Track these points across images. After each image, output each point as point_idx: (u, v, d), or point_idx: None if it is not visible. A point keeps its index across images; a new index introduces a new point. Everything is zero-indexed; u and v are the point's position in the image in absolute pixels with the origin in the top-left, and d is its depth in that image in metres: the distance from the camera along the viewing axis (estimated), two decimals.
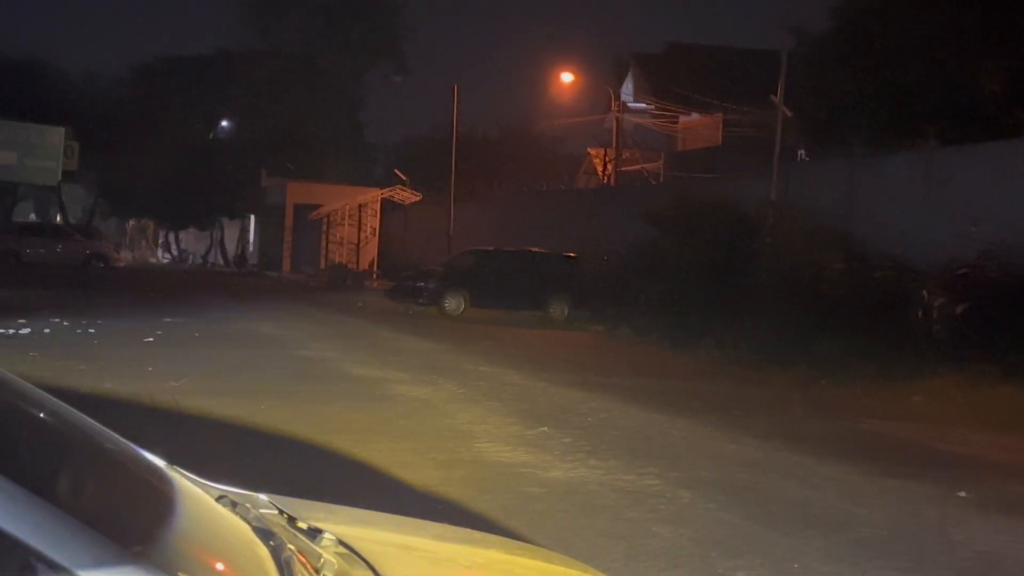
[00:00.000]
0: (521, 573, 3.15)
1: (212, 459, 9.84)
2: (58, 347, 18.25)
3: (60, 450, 2.50)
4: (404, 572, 2.68)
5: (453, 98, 50.64)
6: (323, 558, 2.60)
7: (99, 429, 2.83)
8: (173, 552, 2.19)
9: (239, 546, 2.53)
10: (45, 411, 2.71)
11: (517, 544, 3.67)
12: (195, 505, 2.72)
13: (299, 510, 3.07)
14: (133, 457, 2.83)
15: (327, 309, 32.30)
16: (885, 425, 14.97)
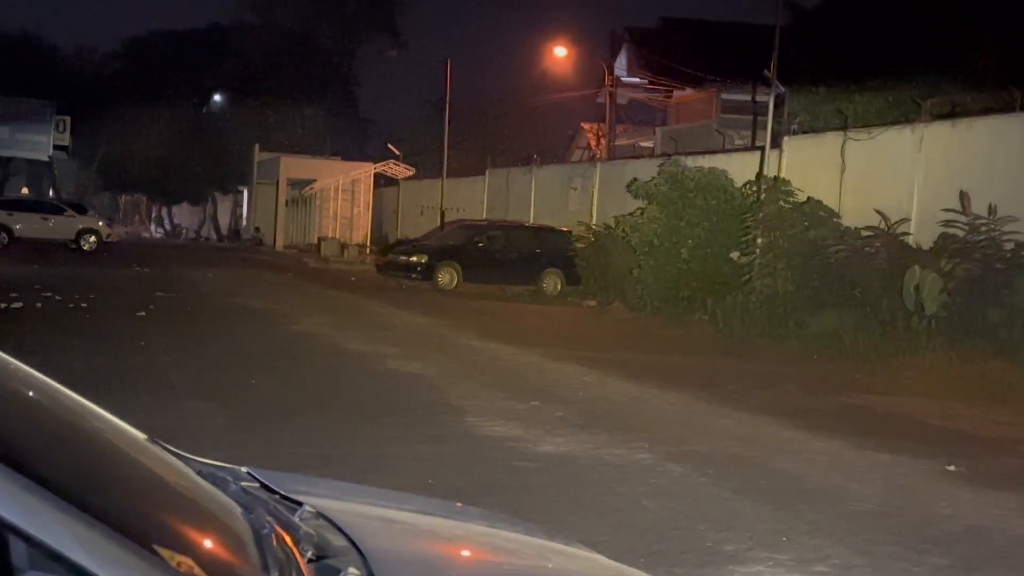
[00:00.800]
0: (502, 545, 3.13)
1: (203, 433, 9.87)
2: (51, 322, 18.24)
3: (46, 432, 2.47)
4: (383, 545, 2.66)
5: (446, 72, 50.49)
6: (302, 530, 2.58)
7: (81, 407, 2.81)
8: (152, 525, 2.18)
9: (218, 520, 2.51)
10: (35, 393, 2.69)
11: (500, 517, 3.65)
12: (176, 479, 2.70)
13: (280, 483, 3.05)
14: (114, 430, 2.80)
15: (319, 284, 32.29)
16: (877, 400, 14.98)
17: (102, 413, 2.86)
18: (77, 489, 2.03)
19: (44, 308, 20.30)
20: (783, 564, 7.00)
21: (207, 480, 2.84)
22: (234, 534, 2.42)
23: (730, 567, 6.90)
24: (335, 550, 2.55)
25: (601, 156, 49.24)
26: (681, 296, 26.16)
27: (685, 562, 6.94)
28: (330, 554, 2.51)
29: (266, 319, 20.84)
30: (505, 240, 33.56)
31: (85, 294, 23.02)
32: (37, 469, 1.91)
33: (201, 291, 26.79)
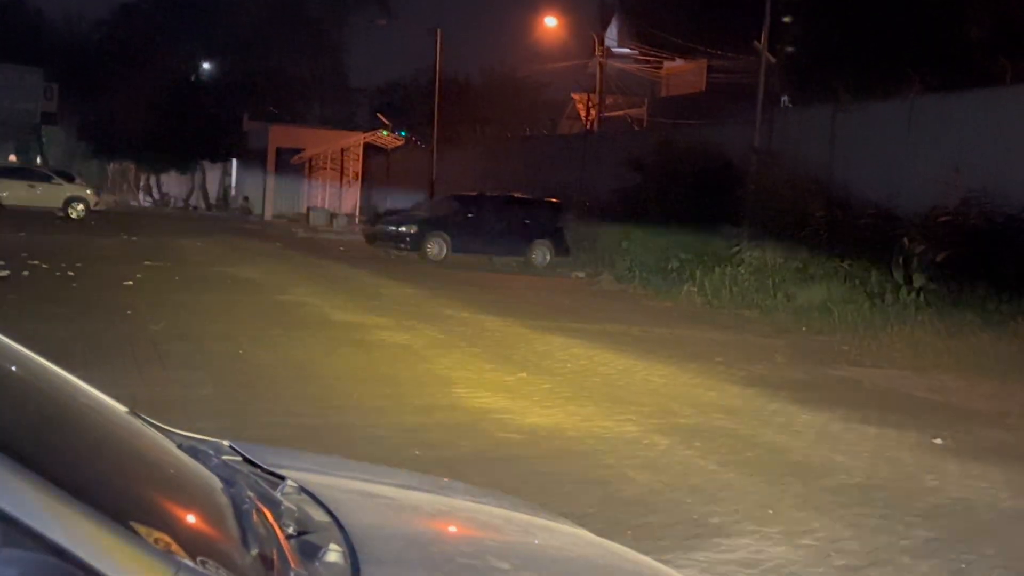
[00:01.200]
0: (486, 520, 3.11)
1: (191, 402, 9.85)
2: (37, 290, 18.16)
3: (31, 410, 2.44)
4: (365, 520, 2.64)
5: (436, 42, 50.30)
6: (283, 505, 2.56)
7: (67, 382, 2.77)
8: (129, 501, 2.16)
9: (198, 495, 2.49)
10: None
11: (485, 492, 3.63)
12: (155, 453, 2.68)
13: (263, 456, 3.02)
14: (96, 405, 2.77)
15: (308, 253, 32.20)
16: (865, 372, 15.00)
17: (82, 386, 2.83)
18: (52, 465, 2.00)
19: (31, 276, 20.20)
20: (770, 537, 7.00)
21: (188, 454, 2.81)
22: (214, 509, 2.39)
23: (716, 540, 6.90)
24: (317, 525, 2.52)
25: (592, 126, 49.16)
26: (670, 268, 26.19)
27: (671, 535, 6.93)
28: (311, 529, 2.49)
29: (254, 289, 20.78)
30: (494, 211, 33.52)
31: (72, 262, 22.93)
32: (11, 444, 1.88)
33: (189, 260, 26.70)
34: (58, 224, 40.81)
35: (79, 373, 9.12)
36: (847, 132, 26.48)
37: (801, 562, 6.59)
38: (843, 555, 6.76)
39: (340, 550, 2.33)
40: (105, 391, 8.85)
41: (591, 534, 3.33)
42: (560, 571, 2.80)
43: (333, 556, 2.30)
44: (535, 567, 2.71)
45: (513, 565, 2.60)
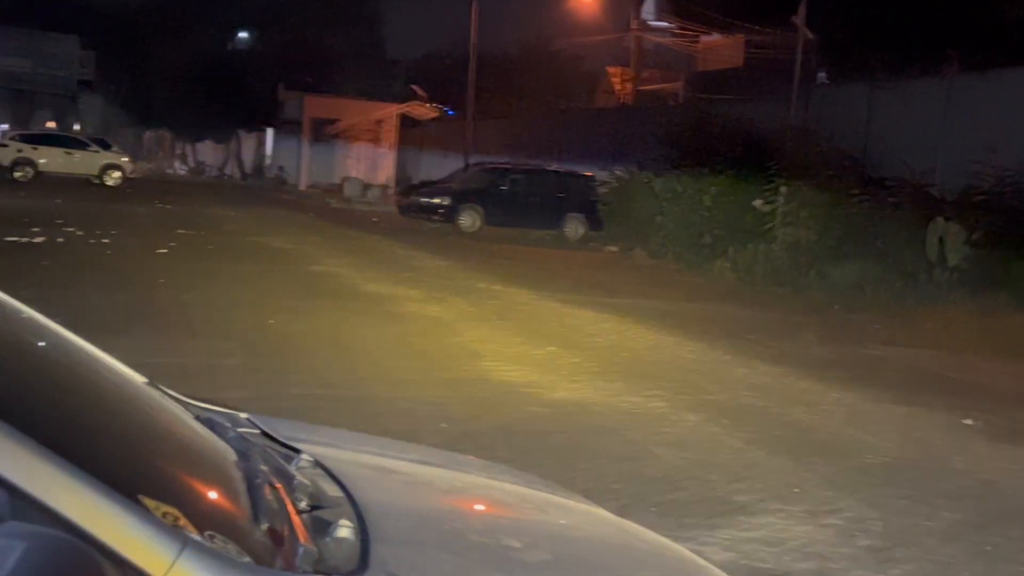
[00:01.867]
0: (500, 497, 3.11)
1: (219, 371, 9.89)
2: (71, 257, 18.28)
3: None
4: (378, 495, 2.64)
5: (471, 13, 50.13)
6: (296, 480, 2.56)
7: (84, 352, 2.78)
8: (138, 474, 2.16)
9: (210, 468, 2.49)
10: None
11: (503, 468, 3.62)
12: (170, 425, 2.68)
13: (281, 429, 3.02)
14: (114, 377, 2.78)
15: (341, 224, 32.25)
16: (896, 352, 14.92)
17: (99, 356, 2.84)
18: (61, 437, 2.00)
19: (65, 243, 20.34)
20: (794, 516, 6.98)
21: (205, 426, 2.82)
22: (226, 483, 2.39)
23: (741, 518, 6.88)
24: (330, 500, 2.53)
25: (627, 101, 48.96)
26: (703, 243, 26.09)
27: (696, 512, 6.92)
28: (324, 504, 2.49)
29: (286, 259, 20.83)
30: (528, 184, 33.46)
31: (107, 230, 23.07)
32: (19, 416, 1.88)
33: (223, 229, 26.80)
34: (94, 191, 41.05)
35: (109, 340, 9.19)
36: (883, 110, 26.26)
37: (825, 541, 6.57)
38: (868, 535, 6.74)
39: (351, 526, 2.33)
40: (134, 359, 8.87)
41: (607, 512, 3.32)
42: (573, 549, 2.80)
43: (344, 532, 2.30)
44: (547, 545, 2.71)
45: (525, 543, 2.59)
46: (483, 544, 2.54)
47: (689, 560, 3.05)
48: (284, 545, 2.16)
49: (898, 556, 6.43)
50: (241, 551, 2.00)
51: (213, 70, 66.25)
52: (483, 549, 2.51)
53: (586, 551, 2.82)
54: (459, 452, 6.50)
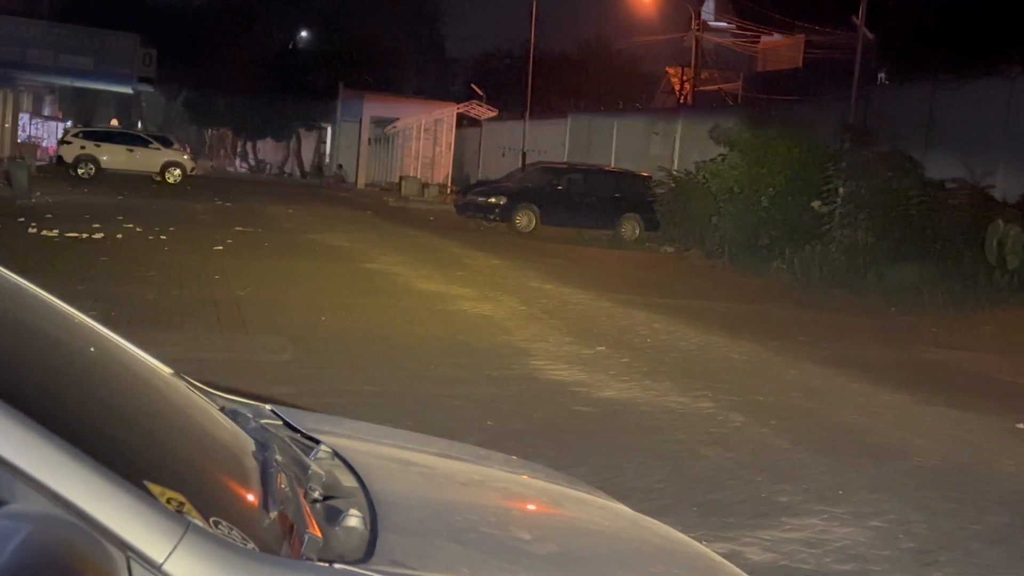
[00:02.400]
0: (518, 491, 3.11)
1: (268, 367, 9.97)
2: (129, 253, 18.48)
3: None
4: (393, 487, 2.66)
5: (531, 14, 50.20)
6: (311, 470, 2.58)
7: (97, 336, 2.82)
8: (147, 461, 2.19)
9: (225, 457, 2.52)
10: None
11: (523, 463, 3.63)
12: (190, 415, 2.71)
13: (305, 422, 3.05)
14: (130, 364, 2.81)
15: (397, 223, 32.37)
16: (951, 355, 14.77)
17: (128, 348, 2.87)
18: (70, 423, 2.03)
19: (124, 239, 20.56)
20: (838, 517, 6.94)
21: (228, 416, 2.85)
22: (239, 471, 2.42)
23: (783, 518, 6.84)
24: (344, 491, 2.55)
25: (685, 101, 48.81)
26: (759, 244, 25.95)
27: (738, 512, 6.89)
28: (338, 495, 2.51)
29: (342, 256, 20.94)
30: (584, 183, 33.44)
31: (165, 226, 23.29)
32: (28, 401, 1.91)
33: (280, 227, 26.98)
34: (154, 188, 41.47)
35: (162, 336, 9.33)
36: (944, 111, 26.03)
37: (868, 544, 6.52)
38: (912, 538, 6.69)
39: (360, 515, 2.35)
40: (185, 354, 9.03)
41: (625, 507, 3.32)
42: (583, 542, 2.80)
43: (353, 521, 2.32)
44: (558, 538, 2.71)
45: (535, 536, 2.60)
46: (492, 536, 2.55)
47: (703, 555, 3.04)
48: (292, 533, 2.18)
49: (941, 559, 6.38)
50: (246, 538, 2.02)
51: (274, 69, 66.63)
52: (492, 540, 2.52)
53: (597, 544, 2.82)
54: (504, 450, 6.52)
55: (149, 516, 1.85)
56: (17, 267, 10.12)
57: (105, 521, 1.81)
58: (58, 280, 14.08)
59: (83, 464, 1.85)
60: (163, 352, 9.74)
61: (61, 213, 24.80)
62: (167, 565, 1.84)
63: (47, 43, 44.06)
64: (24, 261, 15.34)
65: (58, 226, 21.17)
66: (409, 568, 2.19)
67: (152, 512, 1.87)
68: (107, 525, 1.81)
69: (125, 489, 1.86)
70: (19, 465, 1.80)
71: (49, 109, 72.31)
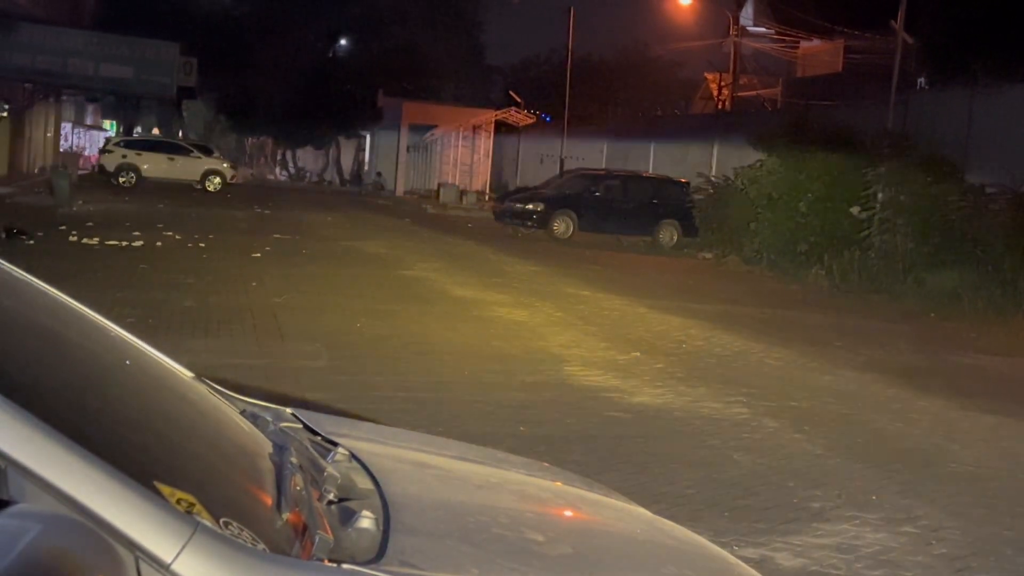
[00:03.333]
0: (534, 493, 3.12)
1: (302, 373, 10.02)
2: (168, 260, 18.62)
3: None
4: (409, 489, 2.67)
5: (569, 22, 50.22)
6: (327, 472, 2.60)
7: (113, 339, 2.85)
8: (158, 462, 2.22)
9: (240, 459, 2.54)
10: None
11: (542, 466, 3.64)
12: (207, 418, 2.74)
13: (325, 425, 3.07)
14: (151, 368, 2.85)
15: (435, 229, 32.45)
16: (991, 360, 14.67)
17: (148, 351, 2.91)
18: (82, 424, 2.06)
19: (163, 247, 20.72)
20: (870, 523, 6.90)
21: (248, 420, 2.88)
22: (254, 473, 2.44)
23: (815, 524, 6.82)
24: (359, 493, 2.57)
25: (724, 106, 48.70)
26: (798, 250, 25.84)
27: (769, 518, 6.87)
28: (353, 496, 2.53)
29: (379, 263, 21.01)
30: (622, 190, 33.43)
31: (205, 234, 23.46)
32: (39, 403, 1.94)
33: (318, 234, 27.09)
34: (195, 196, 41.73)
35: (199, 342, 9.40)
36: (984, 115, 25.83)
37: (900, 549, 6.49)
38: (944, 544, 6.65)
39: (373, 517, 2.36)
40: (221, 360, 9.10)
41: (642, 510, 3.32)
42: (596, 543, 2.81)
43: (365, 523, 2.34)
44: (571, 539, 2.72)
45: (548, 537, 2.61)
46: (504, 537, 2.56)
47: (718, 557, 3.04)
48: (304, 534, 2.20)
49: (973, 565, 6.34)
50: (256, 538, 2.04)
51: (314, 77, 66.91)
52: (504, 542, 2.53)
53: (610, 546, 2.82)
54: (535, 456, 6.54)
55: (158, 516, 1.88)
56: (57, 275, 10.25)
57: (113, 521, 1.83)
58: (97, 287, 14.23)
59: (92, 464, 1.87)
60: (198, 358, 9.83)
61: (102, 221, 25.02)
62: (175, 565, 1.86)
63: (88, 53, 44.47)
64: (64, 269, 15.52)
65: (99, 234, 21.37)
66: (418, 568, 2.21)
67: (161, 512, 1.89)
68: (115, 525, 1.83)
69: (134, 489, 1.88)
70: (28, 465, 1.83)
71: (91, 118, 72.84)
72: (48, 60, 43.04)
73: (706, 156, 38.03)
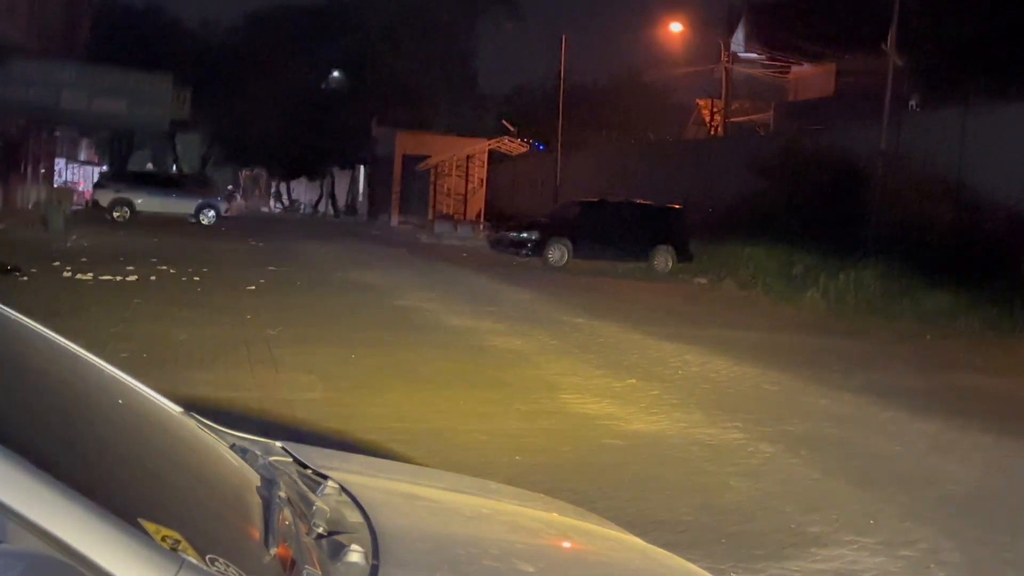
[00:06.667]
0: (525, 524, 3.10)
1: (297, 405, 9.98)
2: (162, 294, 18.57)
3: None
4: (398, 521, 2.65)
5: (561, 50, 50.35)
6: (316, 505, 2.58)
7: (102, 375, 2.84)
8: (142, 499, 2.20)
9: (227, 494, 2.52)
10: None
11: (533, 495, 3.62)
12: (194, 453, 2.72)
13: (314, 458, 3.05)
14: None
15: (430, 259, 32.46)
16: (987, 380, 14.67)
17: (135, 387, 2.89)
18: (65, 461, 2.04)
19: (157, 280, 20.68)
20: (868, 547, 6.87)
21: (238, 454, 2.86)
22: (241, 508, 2.42)
23: (813, 549, 6.79)
24: (348, 526, 2.54)
25: (717, 132, 48.82)
26: (793, 273, 25.87)
27: (767, 543, 6.84)
28: (342, 530, 2.51)
29: (373, 293, 20.98)
30: (616, 217, 33.45)
31: (199, 267, 23.44)
32: (21, 441, 1.93)
33: (312, 265, 27.09)
34: (189, 230, 41.72)
35: (194, 375, 9.36)
36: (977, 135, 25.90)
37: (899, 573, 6.46)
38: (943, 566, 6.62)
39: (362, 551, 2.34)
40: (216, 393, 9.06)
41: (637, 539, 3.30)
42: (587, 573, 2.78)
43: (354, 556, 2.32)
44: (562, 570, 2.70)
45: (539, 568, 2.59)
46: (495, 568, 2.54)
47: None
48: (292, 569, 2.18)
49: None
50: (243, 574, 2.02)
51: (307, 108, 67.13)
52: (495, 573, 2.51)
53: (603, 575, 2.80)
54: (532, 484, 6.50)
55: (142, 554, 1.85)
56: (51, 310, 10.24)
57: (97, 560, 1.81)
58: (92, 322, 14.20)
59: (75, 502, 1.85)
60: (193, 391, 9.81)
61: (96, 256, 24.99)
62: None
63: (81, 87, 44.56)
64: (58, 304, 15.48)
65: (93, 269, 21.33)
66: None
67: (145, 550, 1.87)
68: (99, 564, 1.81)
69: (118, 527, 1.86)
70: (10, 504, 1.81)
71: (85, 153, 73.01)
72: (41, 94, 43.11)
73: (700, 181, 38.11)
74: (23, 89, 42.48)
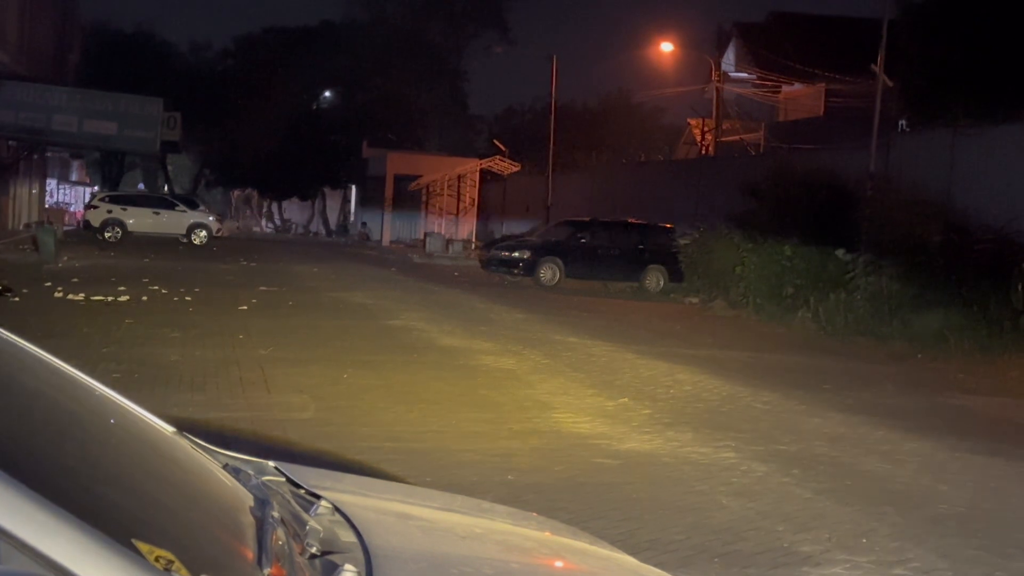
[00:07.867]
0: (519, 543, 3.10)
1: (289, 425, 9.98)
2: (154, 314, 18.55)
3: None
4: (392, 541, 2.65)
5: (552, 70, 50.48)
6: (309, 525, 2.58)
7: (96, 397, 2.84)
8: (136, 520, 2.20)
9: (220, 514, 2.52)
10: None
11: (526, 515, 3.62)
12: (187, 473, 2.72)
13: (307, 477, 3.05)
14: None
15: (421, 279, 32.46)
16: (978, 400, 14.68)
17: (127, 407, 2.89)
18: (58, 483, 2.04)
19: (149, 301, 20.66)
20: (860, 566, 6.88)
21: (231, 474, 2.86)
22: (234, 528, 2.42)
23: (805, 569, 6.79)
24: (341, 546, 2.54)
25: (708, 152, 48.93)
26: (784, 294, 25.87)
27: (759, 563, 6.84)
28: (336, 550, 2.50)
29: (365, 314, 20.99)
30: (608, 236, 33.51)
31: (191, 288, 23.43)
32: (15, 462, 1.93)
33: (304, 285, 27.08)
34: (181, 250, 41.72)
35: (186, 396, 9.38)
36: (966, 156, 25.95)
37: None
38: None
39: (356, 571, 2.34)
40: (208, 414, 9.09)
41: (629, 558, 3.30)
42: None
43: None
44: None
45: None
46: None
47: None
48: None
49: None
50: None
51: (298, 129, 67.24)
52: None
53: None
54: (524, 504, 6.50)
55: (135, 574, 1.85)
56: (43, 331, 10.28)
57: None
58: (83, 343, 14.19)
59: (68, 523, 1.85)
60: (185, 412, 9.81)
61: (87, 277, 24.98)
62: None
63: (72, 109, 44.64)
64: (50, 325, 15.48)
65: (84, 290, 21.32)
66: None
67: (138, 571, 1.86)
68: None
69: (111, 547, 1.86)
70: (3, 525, 1.81)
71: (76, 174, 73.04)
72: (32, 117, 43.16)
73: (691, 201, 38.16)
74: (14, 112, 42.56)
